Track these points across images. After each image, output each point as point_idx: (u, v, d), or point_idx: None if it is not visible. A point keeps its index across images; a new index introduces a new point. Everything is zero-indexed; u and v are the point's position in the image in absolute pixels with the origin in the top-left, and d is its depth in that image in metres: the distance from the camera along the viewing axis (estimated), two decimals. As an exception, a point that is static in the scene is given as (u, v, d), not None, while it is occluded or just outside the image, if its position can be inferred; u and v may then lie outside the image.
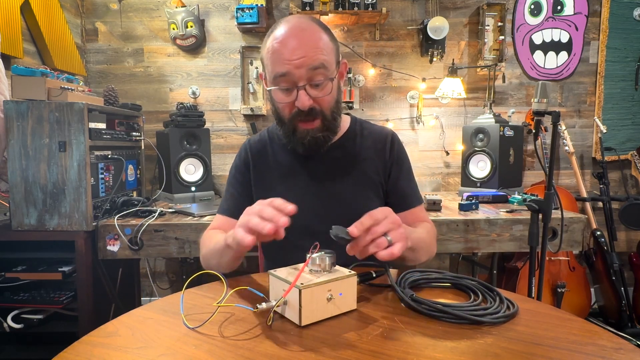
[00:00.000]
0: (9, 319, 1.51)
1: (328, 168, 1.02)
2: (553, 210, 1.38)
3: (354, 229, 0.69)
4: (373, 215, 0.71)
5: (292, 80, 0.88)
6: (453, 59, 2.33)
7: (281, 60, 0.87)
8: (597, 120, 2.37)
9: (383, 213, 0.72)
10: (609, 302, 2.25)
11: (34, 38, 1.94)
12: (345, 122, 1.07)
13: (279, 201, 0.71)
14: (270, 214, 0.68)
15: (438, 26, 2.24)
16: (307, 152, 0.98)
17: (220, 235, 0.89)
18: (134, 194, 1.96)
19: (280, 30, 0.89)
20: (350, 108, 2.37)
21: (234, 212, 1.02)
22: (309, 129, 0.93)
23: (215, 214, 1.10)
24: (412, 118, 2.45)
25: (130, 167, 1.93)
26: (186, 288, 0.73)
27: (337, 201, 1.01)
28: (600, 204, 2.40)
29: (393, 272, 0.88)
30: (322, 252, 0.67)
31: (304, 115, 0.91)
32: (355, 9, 2.19)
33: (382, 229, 0.70)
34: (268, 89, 0.94)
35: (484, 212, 1.73)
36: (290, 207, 0.70)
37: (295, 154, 1.02)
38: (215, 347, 0.56)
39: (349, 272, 0.67)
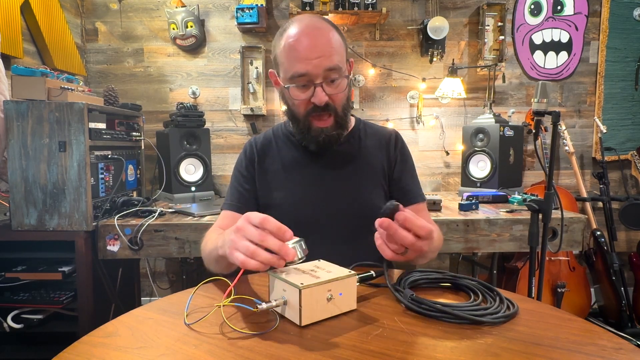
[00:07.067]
0: (9, 319, 1.51)
1: (332, 163, 1.04)
2: (553, 210, 1.38)
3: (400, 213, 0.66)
4: (425, 228, 0.67)
5: (309, 79, 0.91)
6: (453, 59, 2.33)
7: (299, 59, 0.89)
8: (597, 120, 2.37)
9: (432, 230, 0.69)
10: (609, 302, 2.25)
11: (34, 38, 1.94)
12: (350, 121, 1.10)
13: (273, 223, 0.63)
14: (276, 245, 0.62)
15: (438, 26, 2.24)
16: (319, 149, 1.00)
17: (217, 240, 0.82)
18: (134, 194, 1.96)
19: (294, 28, 0.90)
20: (350, 108, 2.36)
21: (240, 206, 1.04)
22: (323, 127, 0.96)
23: (215, 214, 1.10)
24: (412, 118, 2.45)
25: (130, 167, 1.93)
26: (186, 287, 0.73)
27: (340, 194, 1.02)
28: (600, 204, 2.40)
29: (396, 272, 0.88)
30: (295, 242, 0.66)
31: (319, 111, 0.93)
32: (355, 9, 2.19)
33: (424, 244, 0.68)
34: (285, 86, 0.94)
35: (484, 212, 1.73)
36: (289, 234, 0.64)
37: (299, 149, 1.05)
38: (215, 347, 0.56)
39: (349, 272, 0.67)
